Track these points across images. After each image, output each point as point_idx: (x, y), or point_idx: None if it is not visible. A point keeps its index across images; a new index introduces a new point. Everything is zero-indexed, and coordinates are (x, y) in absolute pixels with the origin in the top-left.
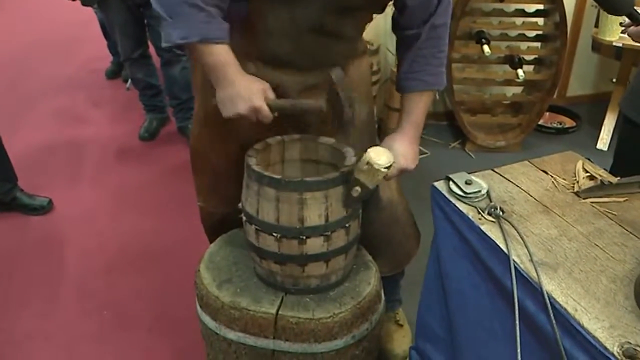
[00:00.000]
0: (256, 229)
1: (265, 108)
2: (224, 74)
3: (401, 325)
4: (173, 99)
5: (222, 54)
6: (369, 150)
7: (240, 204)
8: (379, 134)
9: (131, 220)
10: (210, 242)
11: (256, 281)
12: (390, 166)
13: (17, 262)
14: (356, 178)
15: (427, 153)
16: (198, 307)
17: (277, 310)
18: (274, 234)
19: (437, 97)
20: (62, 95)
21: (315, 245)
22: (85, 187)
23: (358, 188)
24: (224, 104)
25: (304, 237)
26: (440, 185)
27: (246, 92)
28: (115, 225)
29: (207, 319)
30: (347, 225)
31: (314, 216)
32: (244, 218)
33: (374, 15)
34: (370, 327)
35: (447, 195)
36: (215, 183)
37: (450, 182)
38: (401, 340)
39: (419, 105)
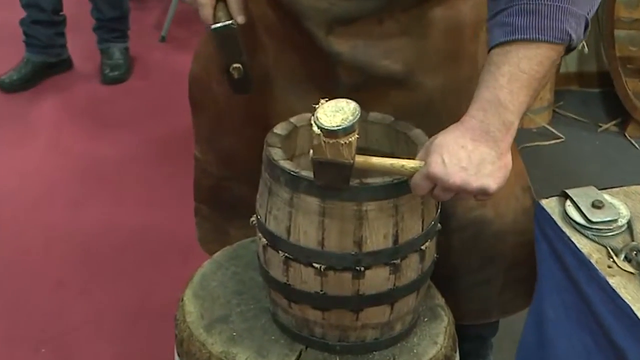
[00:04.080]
0: (286, 257)
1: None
2: None
3: None
4: (97, 11)
5: None
6: (336, 100)
7: (252, 219)
8: None
9: (100, 209)
10: (197, 216)
11: (265, 322)
12: (334, 132)
13: None
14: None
15: (561, 137)
16: (176, 356)
17: None
18: (316, 264)
19: (586, 49)
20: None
21: (377, 279)
22: (35, 153)
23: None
24: None
25: (362, 268)
26: (550, 204)
27: None
28: (75, 216)
29: None
30: (422, 247)
31: (377, 237)
32: (262, 241)
33: None
34: None
35: (559, 222)
36: (216, 129)
37: (568, 202)
38: None
39: (499, 70)
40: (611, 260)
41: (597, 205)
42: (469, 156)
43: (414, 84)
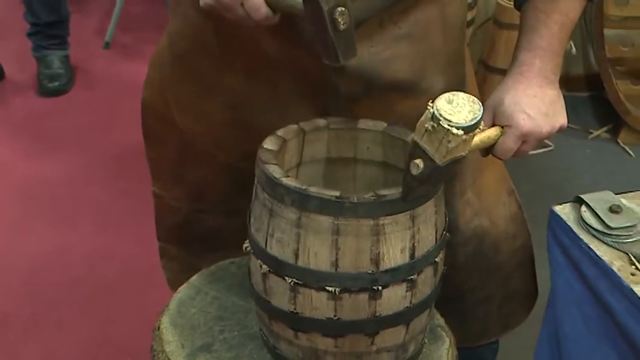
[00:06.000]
0: (295, 283)
1: None
2: None
3: None
4: (31, 14)
5: None
6: (440, 97)
7: (245, 244)
8: None
9: (46, 235)
10: (164, 258)
11: (252, 349)
12: (474, 126)
13: None
14: (417, 143)
15: (549, 146)
16: None
17: None
18: (329, 287)
19: (574, 50)
20: None
21: (394, 298)
22: None
23: (419, 161)
24: None
25: (379, 287)
26: (564, 210)
27: None
28: (17, 242)
29: None
30: (436, 259)
31: (394, 252)
32: (263, 268)
33: None
34: None
35: (575, 229)
36: (181, 161)
37: (583, 207)
38: None
39: (550, 18)
40: (634, 267)
41: (615, 210)
42: (543, 101)
43: (420, 90)
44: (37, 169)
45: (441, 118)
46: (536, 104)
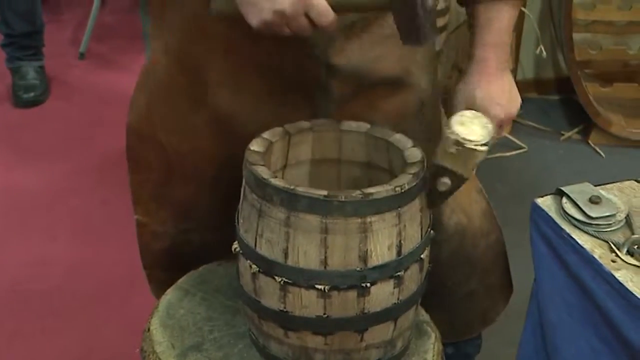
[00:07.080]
0: (284, 282)
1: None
2: None
3: None
4: (5, 25)
5: None
6: (452, 122)
7: (234, 246)
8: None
9: (27, 246)
10: (152, 283)
11: (242, 348)
12: (491, 137)
13: None
14: (440, 165)
15: (523, 147)
16: None
17: None
18: (319, 285)
19: (544, 53)
20: None
21: (382, 294)
22: None
23: (447, 179)
24: (246, 6)
25: (367, 285)
26: (546, 203)
27: None
28: None
29: None
30: (422, 256)
31: (382, 249)
32: (253, 268)
33: None
34: None
35: (557, 220)
36: (167, 182)
37: (564, 199)
38: None
39: (499, 14)
40: (614, 254)
41: (594, 200)
42: (504, 89)
43: (407, 86)
44: (15, 180)
45: (465, 141)
46: (502, 93)
